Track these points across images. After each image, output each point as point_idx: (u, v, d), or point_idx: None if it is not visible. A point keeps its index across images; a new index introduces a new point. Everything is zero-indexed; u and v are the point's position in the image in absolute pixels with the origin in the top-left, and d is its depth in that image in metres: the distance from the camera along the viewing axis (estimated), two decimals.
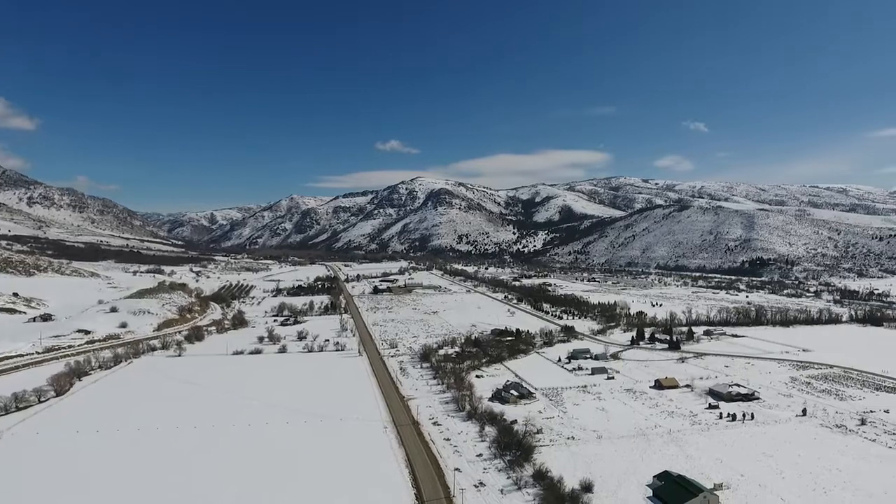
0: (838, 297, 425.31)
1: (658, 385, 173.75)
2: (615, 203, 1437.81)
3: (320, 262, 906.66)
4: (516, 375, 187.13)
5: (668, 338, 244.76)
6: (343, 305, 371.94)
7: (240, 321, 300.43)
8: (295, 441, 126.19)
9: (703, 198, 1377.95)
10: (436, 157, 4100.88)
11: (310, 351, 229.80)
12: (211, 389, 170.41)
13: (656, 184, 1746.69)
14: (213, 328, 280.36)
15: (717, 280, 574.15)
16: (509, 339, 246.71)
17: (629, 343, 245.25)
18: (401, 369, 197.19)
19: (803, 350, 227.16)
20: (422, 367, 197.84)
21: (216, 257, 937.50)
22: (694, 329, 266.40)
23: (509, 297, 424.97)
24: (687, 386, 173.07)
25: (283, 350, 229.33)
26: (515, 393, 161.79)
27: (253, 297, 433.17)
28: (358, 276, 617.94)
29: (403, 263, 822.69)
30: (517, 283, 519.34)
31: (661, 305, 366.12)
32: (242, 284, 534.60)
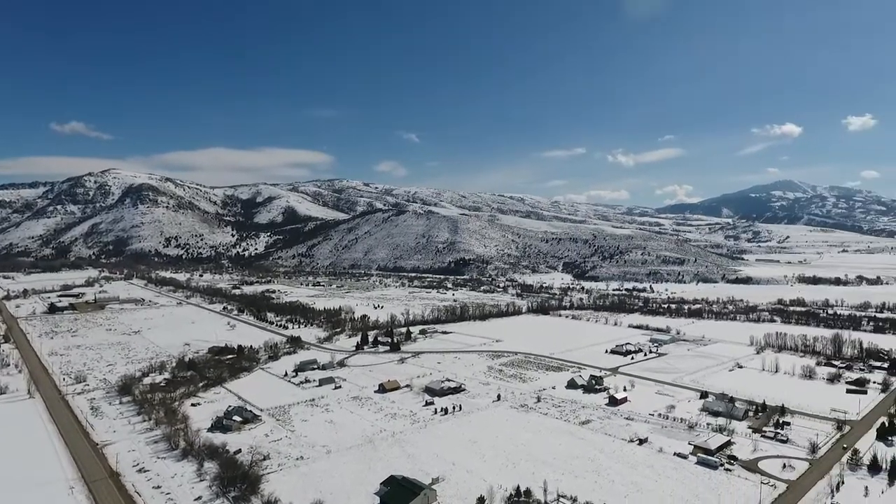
0: (520, 291, 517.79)
1: (382, 389, 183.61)
2: (338, 205, 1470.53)
3: None
4: (240, 398, 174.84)
5: (390, 340, 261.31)
6: (3, 332, 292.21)
7: None
8: None
9: (416, 203, 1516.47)
10: (135, 145, 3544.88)
11: None
12: None
13: (376, 188, 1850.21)
14: None
15: (429, 280, 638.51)
16: (230, 356, 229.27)
17: (355, 348, 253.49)
18: (92, 409, 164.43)
19: (496, 341, 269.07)
20: (121, 403, 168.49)
21: None
22: (411, 329, 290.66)
23: (229, 307, 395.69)
24: (407, 386, 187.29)
25: None
26: (239, 418, 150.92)
27: None
28: (25, 290, 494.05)
29: (93, 272, 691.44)
30: (238, 291, 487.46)
31: (382, 307, 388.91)
32: None
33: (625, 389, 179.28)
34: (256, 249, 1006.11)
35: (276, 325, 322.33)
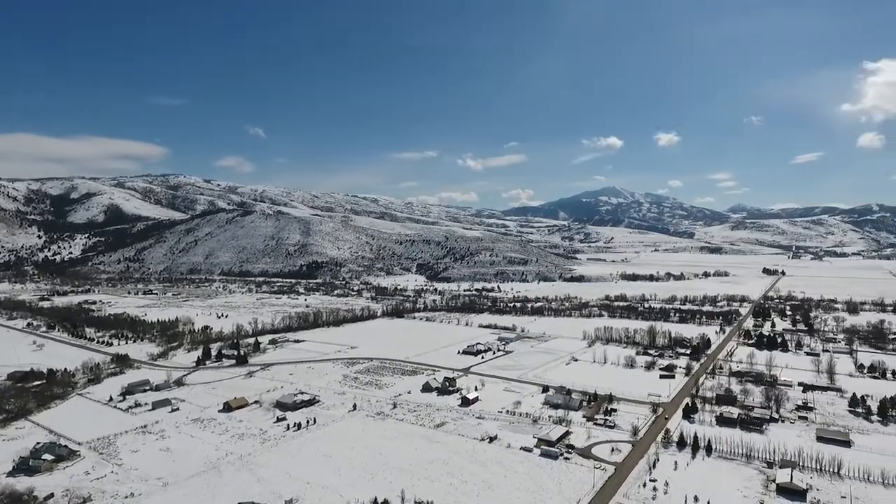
0: (374, 294, 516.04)
1: (227, 407, 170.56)
2: (174, 204, 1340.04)
3: None
4: (51, 431, 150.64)
5: (236, 352, 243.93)
6: None
7: None
8: None
9: (265, 202, 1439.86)
10: None
11: None
12: None
13: (219, 185, 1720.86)
14: None
15: (279, 284, 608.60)
16: (38, 382, 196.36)
17: (195, 364, 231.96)
18: None
19: (352, 347, 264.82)
20: None
21: None
22: (260, 339, 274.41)
23: (36, 323, 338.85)
24: (256, 402, 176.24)
25: None
26: (50, 456, 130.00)
27: None
28: None
29: None
30: (47, 304, 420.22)
31: (227, 317, 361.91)
32: None
33: (476, 389, 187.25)
34: (71, 254, 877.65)
35: (98, 341, 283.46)
